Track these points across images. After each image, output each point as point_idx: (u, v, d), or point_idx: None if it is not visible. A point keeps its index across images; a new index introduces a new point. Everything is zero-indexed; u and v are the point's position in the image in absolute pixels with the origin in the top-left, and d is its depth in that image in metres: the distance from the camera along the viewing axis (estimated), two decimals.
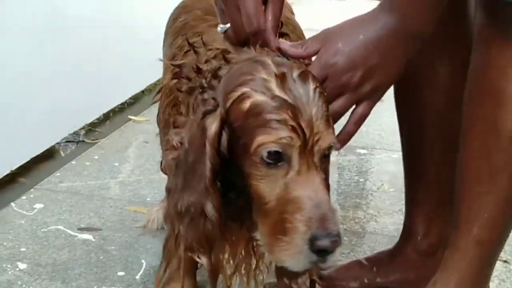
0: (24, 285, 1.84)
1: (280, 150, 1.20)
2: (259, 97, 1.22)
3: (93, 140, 2.79)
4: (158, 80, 3.20)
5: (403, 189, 1.83)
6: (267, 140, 1.19)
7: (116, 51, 3.03)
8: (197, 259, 1.30)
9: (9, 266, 1.92)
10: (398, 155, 1.86)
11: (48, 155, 2.62)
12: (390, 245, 1.88)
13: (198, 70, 1.36)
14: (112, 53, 3.01)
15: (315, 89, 1.24)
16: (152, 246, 2.03)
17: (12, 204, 2.25)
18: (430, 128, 1.71)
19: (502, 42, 1.37)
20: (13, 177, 2.43)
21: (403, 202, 1.85)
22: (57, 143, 2.70)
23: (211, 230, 1.26)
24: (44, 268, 1.92)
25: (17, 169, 2.45)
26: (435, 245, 1.77)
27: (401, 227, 1.86)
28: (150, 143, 2.68)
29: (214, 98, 1.27)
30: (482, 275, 1.52)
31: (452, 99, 1.60)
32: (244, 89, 1.23)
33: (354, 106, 1.36)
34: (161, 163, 1.97)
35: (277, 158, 1.21)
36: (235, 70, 1.28)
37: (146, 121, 2.94)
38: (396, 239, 1.86)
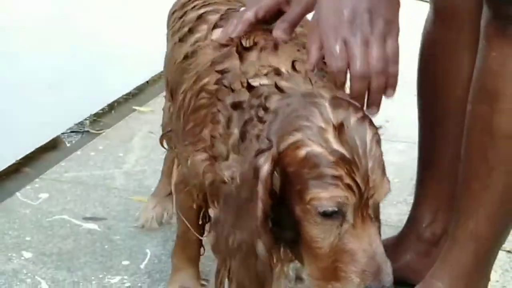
0: (29, 274, 1.85)
1: (336, 209, 1.21)
2: (315, 148, 1.20)
3: (98, 130, 2.79)
4: (162, 71, 3.20)
5: (408, 180, 1.84)
6: (322, 196, 1.20)
7: (120, 41, 3.03)
8: None
9: (14, 255, 1.93)
10: (403, 146, 1.87)
11: (53, 145, 2.62)
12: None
13: (249, 88, 1.35)
14: (116, 43, 3.01)
15: (372, 138, 1.23)
16: (157, 235, 2.04)
17: (17, 193, 2.26)
18: (451, 120, 1.71)
19: (501, 38, 1.37)
20: (18, 167, 2.43)
21: (408, 193, 1.85)
22: (62, 133, 2.70)
23: (262, 271, 1.27)
24: (49, 257, 1.92)
25: (22, 159, 2.46)
26: (438, 235, 1.78)
27: (405, 217, 1.86)
28: (155, 133, 2.68)
29: (268, 139, 1.25)
30: (479, 269, 1.53)
31: None
32: (300, 136, 1.22)
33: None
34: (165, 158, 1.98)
35: (331, 212, 1.21)
36: (291, 111, 1.26)
37: (151, 112, 2.94)
38: (400, 229, 1.87)
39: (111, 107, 3.01)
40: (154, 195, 2.11)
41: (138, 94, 3.20)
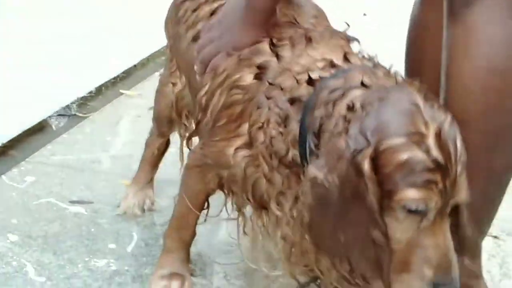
0: (15, 257, 1.85)
1: (425, 209, 1.25)
2: (417, 154, 1.24)
3: (84, 114, 2.77)
4: (150, 55, 3.20)
5: None
6: (415, 197, 1.24)
7: (108, 25, 3.02)
8: (369, 286, 1.34)
9: (0, 238, 1.92)
10: None
11: (40, 129, 2.60)
12: None
13: (310, 82, 1.38)
14: (104, 27, 3.00)
15: (461, 143, 1.28)
16: (144, 219, 2.03)
17: (3, 176, 2.24)
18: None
19: (456, 18, 1.38)
20: (4, 150, 2.41)
21: None
22: (49, 117, 2.68)
23: (383, 256, 1.29)
24: (35, 240, 1.92)
25: (8, 142, 2.43)
26: None
27: None
28: (142, 117, 2.67)
29: (365, 137, 1.26)
30: None
31: None
32: (402, 139, 1.25)
33: None
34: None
35: (417, 210, 1.26)
36: (389, 107, 1.28)
37: (138, 95, 2.92)
38: None
39: (99, 90, 2.99)
40: (135, 182, 2.09)
41: (125, 78, 3.17)
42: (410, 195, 1.24)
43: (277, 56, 1.46)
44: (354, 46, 1.51)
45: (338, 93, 1.34)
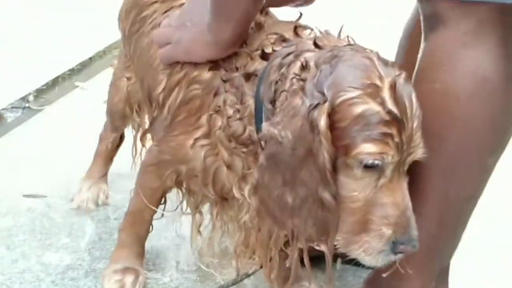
0: None
1: (381, 164, 1.25)
2: (373, 106, 1.24)
3: (39, 106, 2.75)
4: (106, 47, 3.18)
5: None
6: (371, 151, 1.24)
7: (63, 17, 3.00)
8: (316, 247, 1.33)
9: None
10: None
11: None
12: None
13: (264, 56, 1.39)
14: (59, 19, 2.98)
15: (416, 98, 1.28)
16: (98, 213, 2.03)
17: None
18: None
19: (429, 32, 1.40)
20: None
21: None
22: (3, 109, 2.66)
23: (330, 218, 1.28)
24: None
25: None
26: None
27: None
28: (96, 110, 2.66)
29: (321, 92, 1.26)
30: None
31: None
32: (358, 92, 1.25)
33: None
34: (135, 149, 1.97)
35: (373, 166, 1.25)
36: (345, 64, 1.28)
37: (94, 88, 2.90)
38: None
39: (54, 83, 2.97)
40: (89, 176, 2.09)
41: (81, 70, 3.16)
42: (367, 149, 1.24)
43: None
44: None
45: (291, 56, 1.35)
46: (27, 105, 2.75)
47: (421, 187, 1.40)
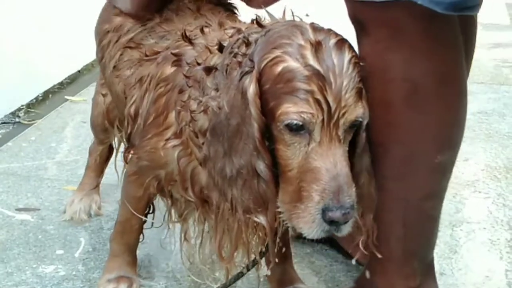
0: None
1: (301, 123, 1.23)
2: (292, 63, 1.24)
3: (29, 121, 2.77)
4: (94, 60, 3.19)
5: None
6: (290, 110, 1.22)
7: (52, 31, 3.01)
8: (255, 219, 1.32)
9: None
10: None
11: None
12: None
13: (221, 48, 1.39)
14: (48, 33, 2.99)
15: (350, 59, 1.26)
16: (91, 224, 2.05)
17: None
18: None
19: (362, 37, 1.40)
20: None
21: None
22: None
23: (265, 189, 1.28)
24: None
25: None
26: None
27: None
28: (87, 123, 2.68)
29: (251, 59, 1.28)
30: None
31: None
32: (279, 52, 1.25)
33: None
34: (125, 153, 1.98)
35: (298, 128, 1.24)
36: (274, 33, 1.30)
37: (84, 101, 2.93)
38: None
39: (44, 97, 2.99)
40: (80, 188, 2.11)
41: (70, 84, 3.18)
42: (286, 108, 1.22)
43: (191, 42, 1.49)
44: None
45: (240, 41, 1.36)
46: (17, 120, 2.77)
47: (381, 197, 1.41)
